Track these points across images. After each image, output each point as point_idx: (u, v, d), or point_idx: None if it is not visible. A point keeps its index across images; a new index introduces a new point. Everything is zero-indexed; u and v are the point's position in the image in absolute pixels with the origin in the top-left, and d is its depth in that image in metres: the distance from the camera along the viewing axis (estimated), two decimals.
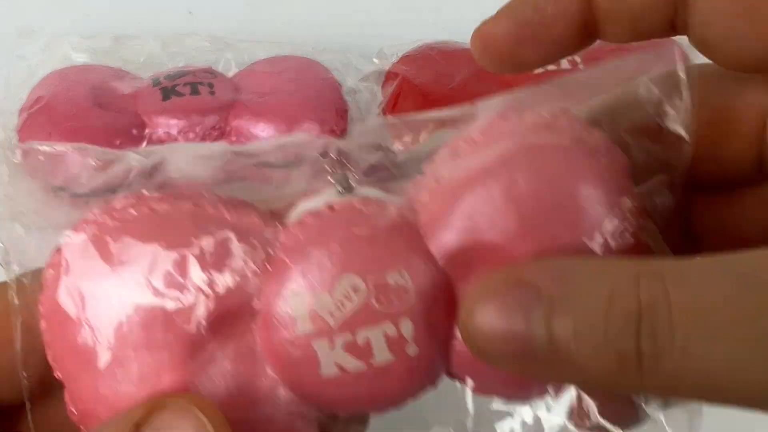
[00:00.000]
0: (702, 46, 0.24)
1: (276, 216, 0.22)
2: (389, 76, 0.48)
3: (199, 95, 0.44)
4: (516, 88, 0.47)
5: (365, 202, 0.21)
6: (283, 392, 0.21)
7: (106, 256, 0.20)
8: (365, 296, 0.20)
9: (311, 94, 0.46)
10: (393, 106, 0.47)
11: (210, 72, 0.47)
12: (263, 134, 0.44)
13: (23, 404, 0.23)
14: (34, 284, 0.22)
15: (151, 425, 0.20)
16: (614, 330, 0.18)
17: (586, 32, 0.25)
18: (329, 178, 0.22)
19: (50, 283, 0.21)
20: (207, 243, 0.20)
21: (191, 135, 0.44)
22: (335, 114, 0.46)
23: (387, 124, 0.24)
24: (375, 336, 0.20)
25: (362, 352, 0.20)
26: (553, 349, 0.19)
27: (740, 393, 0.18)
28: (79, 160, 0.22)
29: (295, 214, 0.22)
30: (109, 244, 0.20)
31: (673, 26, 0.24)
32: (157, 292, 0.20)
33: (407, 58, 0.49)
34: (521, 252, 0.20)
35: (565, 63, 0.47)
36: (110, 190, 0.22)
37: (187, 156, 0.23)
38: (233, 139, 0.45)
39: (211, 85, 0.45)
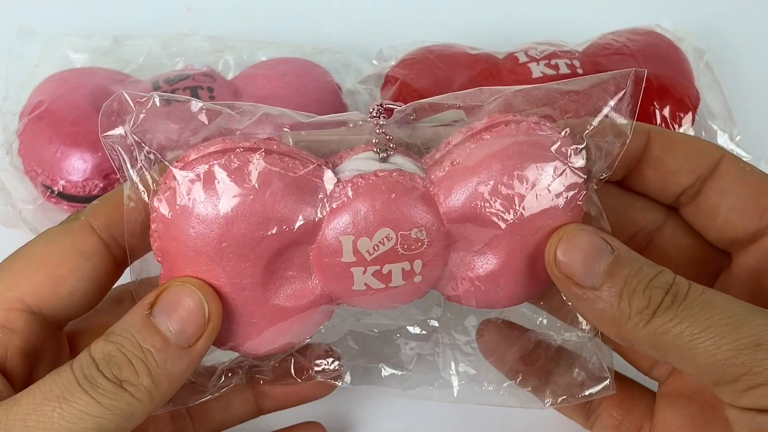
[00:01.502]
0: (707, 214, 0.33)
1: (329, 165, 0.30)
2: (388, 79, 0.48)
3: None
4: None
5: (401, 174, 0.30)
6: (319, 292, 0.30)
7: (215, 184, 0.28)
8: (394, 244, 0.29)
9: (311, 99, 0.46)
10: (392, 110, 0.47)
11: (210, 75, 0.47)
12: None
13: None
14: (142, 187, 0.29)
15: (159, 304, 0.28)
16: (656, 283, 0.28)
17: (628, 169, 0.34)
18: (374, 141, 0.30)
19: (167, 191, 0.28)
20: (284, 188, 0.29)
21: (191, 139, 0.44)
22: None
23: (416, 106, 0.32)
24: (395, 269, 0.30)
25: (384, 278, 0.30)
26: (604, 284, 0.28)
27: (697, 361, 0.27)
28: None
29: (347, 171, 0.30)
30: (217, 174, 0.28)
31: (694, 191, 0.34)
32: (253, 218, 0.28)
33: (406, 62, 0.49)
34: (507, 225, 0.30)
35: (564, 68, 0.47)
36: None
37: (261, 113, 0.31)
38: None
39: (210, 90, 0.45)
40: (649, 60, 0.47)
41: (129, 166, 0.30)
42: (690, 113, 0.47)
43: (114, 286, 0.33)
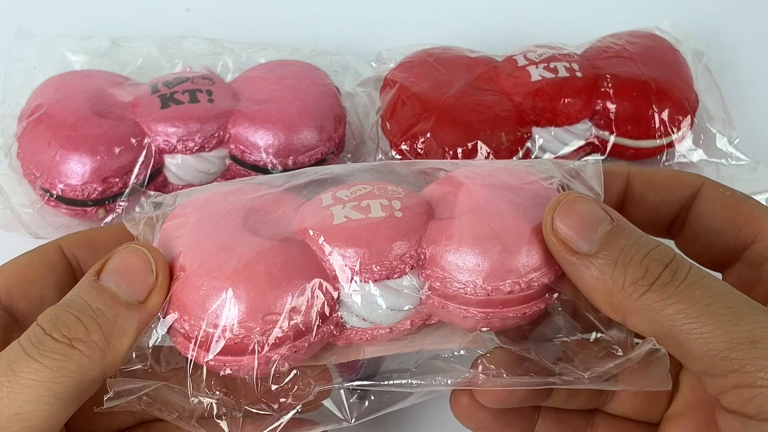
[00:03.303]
0: (692, 241, 0.34)
1: None
2: (387, 82, 0.48)
3: (198, 103, 0.44)
4: (512, 95, 0.47)
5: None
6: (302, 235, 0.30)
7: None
8: (371, 190, 0.31)
9: (309, 102, 0.46)
10: (391, 113, 0.47)
11: (208, 78, 0.47)
12: (262, 142, 0.44)
13: None
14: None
15: (106, 268, 0.29)
16: (655, 255, 0.28)
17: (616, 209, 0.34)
18: None
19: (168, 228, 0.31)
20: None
21: (190, 143, 0.44)
22: (333, 121, 0.46)
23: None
24: (374, 204, 0.30)
25: (363, 210, 0.30)
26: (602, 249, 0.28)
27: (688, 345, 0.26)
28: None
29: None
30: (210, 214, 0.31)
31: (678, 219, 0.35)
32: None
33: (405, 65, 0.49)
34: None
35: (563, 71, 0.47)
36: None
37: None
38: (232, 146, 0.45)
39: (209, 92, 0.45)
40: (648, 63, 0.47)
41: None
42: (689, 116, 0.47)
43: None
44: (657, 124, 0.46)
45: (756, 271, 0.32)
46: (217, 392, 0.31)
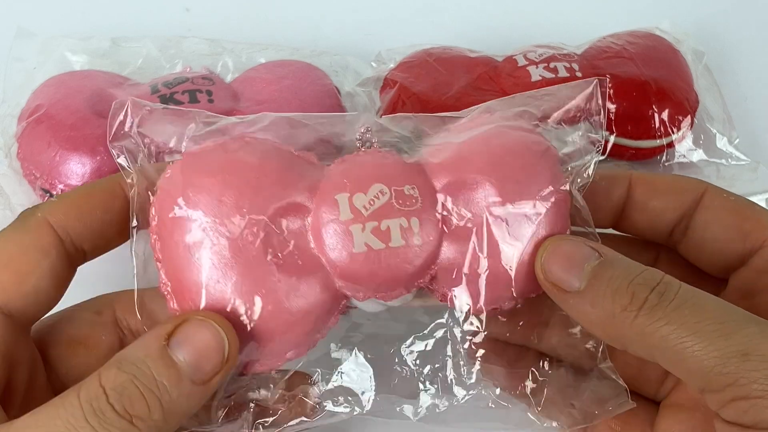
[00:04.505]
0: (697, 247, 0.34)
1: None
2: (387, 82, 0.48)
3: (197, 103, 0.44)
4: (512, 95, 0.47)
5: (389, 152, 0.33)
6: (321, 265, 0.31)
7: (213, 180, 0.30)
8: (389, 198, 0.31)
9: (309, 102, 0.46)
10: (392, 113, 0.47)
11: (208, 78, 0.47)
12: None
13: None
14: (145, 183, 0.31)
15: (177, 336, 0.27)
16: (640, 280, 0.28)
17: (616, 215, 0.35)
18: (356, 142, 0.33)
19: (167, 190, 0.30)
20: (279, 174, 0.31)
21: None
22: None
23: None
24: (393, 225, 0.30)
25: (384, 236, 0.30)
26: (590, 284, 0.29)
27: (684, 365, 0.27)
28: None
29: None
30: (221, 168, 0.30)
31: (680, 227, 0.35)
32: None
33: (405, 65, 0.49)
34: (491, 187, 0.31)
35: (563, 71, 0.47)
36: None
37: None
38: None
39: (209, 93, 0.45)
40: (648, 63, 0.47)
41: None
42: (689, 117, 0.47)
43: (92, 297, 0.34)
44: (657, 124, 0.46)
45: (762, 276, 0.32)
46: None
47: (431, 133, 0.35)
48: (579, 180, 0.34)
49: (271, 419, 0.32)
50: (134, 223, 0.31)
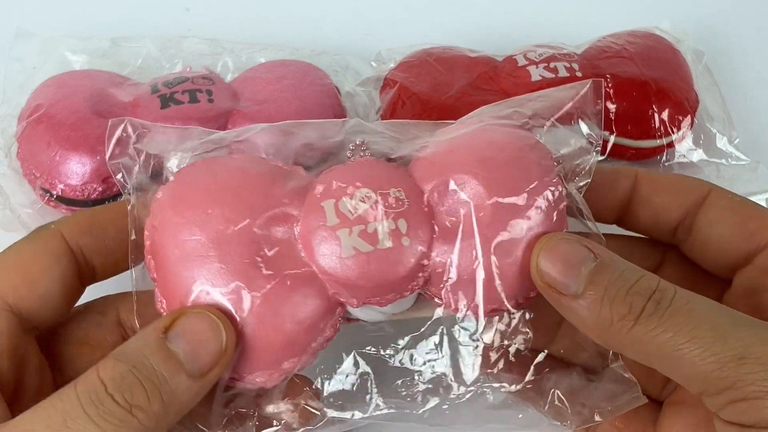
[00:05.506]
0: (701, 246, 0.34)
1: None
2: (387, 82, 0.48)
3: (198, 103, 0.44)
4: (512, 95, 0.47)
5: (376, 159, 0.33)
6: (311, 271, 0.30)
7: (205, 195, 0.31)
8: (374, 201, 0.30)
9: (309, 102, 0.46)
10: (391, 113, 0.47)
11: (208, 78, 0.47)
12: (261, 142, 0.44)
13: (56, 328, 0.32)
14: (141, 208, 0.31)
15: (175, 328, 0.28)
16: (638, 288, 0.28)
17: (620, 210, 0.36)
18: (347, 153, 0.34)
19: (157, 210, 0.31)
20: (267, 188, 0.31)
21: None
22: None
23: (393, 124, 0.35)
24: (381, 228, 0.30)
25: (371, 238, 0.30)
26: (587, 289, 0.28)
27: (682, 371, 0.27)
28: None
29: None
30: (209, 185, 0.31)
31: (682, 227, 0.35)
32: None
33: (405, 65, 0.49)
34: (478, 184, 0.31)
35: (563, 71, 0.47)
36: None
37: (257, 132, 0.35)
38: (232, 147, 0.45)
39: (209, 92, 0.45)
40: (648, 63, 0.47)
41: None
42: (689, 117, 0.47)
43: (96, 298, 0.34)
44: (657, 124, 0.46)
45: (767, 275, 0.32)
46: None
47: (420, 134, 0.35)
48: (578, 179, 0.34)
49: (273, 430, 0.32)
50: (133, 236, 0.32)
